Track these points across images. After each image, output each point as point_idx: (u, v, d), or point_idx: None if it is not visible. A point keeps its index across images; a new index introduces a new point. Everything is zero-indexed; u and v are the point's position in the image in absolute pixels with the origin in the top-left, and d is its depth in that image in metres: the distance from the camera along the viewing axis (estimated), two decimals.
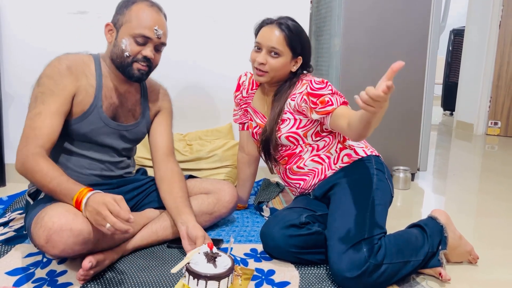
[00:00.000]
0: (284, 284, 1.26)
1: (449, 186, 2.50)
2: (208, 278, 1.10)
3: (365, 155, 1.50)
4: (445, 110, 5.61)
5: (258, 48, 1.49)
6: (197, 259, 1.15)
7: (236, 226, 1.70)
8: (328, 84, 1.40)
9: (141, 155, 2.13)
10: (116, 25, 1.38)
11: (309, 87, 1.40)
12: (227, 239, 1.55)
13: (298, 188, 1.59)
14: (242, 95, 1.71)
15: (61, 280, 1.24)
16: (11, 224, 1.63)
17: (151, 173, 1.71)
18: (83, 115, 1.37)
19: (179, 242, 1.38)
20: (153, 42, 1.37)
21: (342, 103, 1.37)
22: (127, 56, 1.36)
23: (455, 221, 1.45)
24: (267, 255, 1.42)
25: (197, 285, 1.10)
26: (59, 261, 1.34)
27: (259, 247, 1.48)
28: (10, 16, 2.12)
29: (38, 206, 1.28)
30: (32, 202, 1.38)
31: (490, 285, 1.31)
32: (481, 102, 4.24)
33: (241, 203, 1.88)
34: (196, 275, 1.10)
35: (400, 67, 0.96)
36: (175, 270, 1.12)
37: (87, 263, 1.17)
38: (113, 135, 1.45)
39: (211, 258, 1.15)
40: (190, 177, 1.68)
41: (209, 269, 1.11)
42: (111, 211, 1.11)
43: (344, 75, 2.29)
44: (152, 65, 1.41)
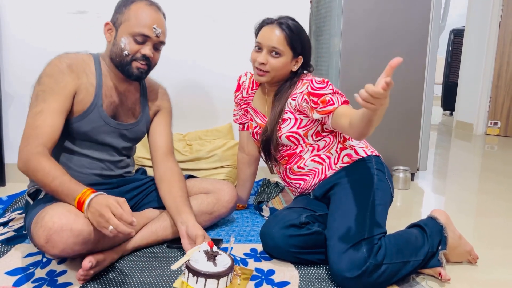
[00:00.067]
0: (283, 284, 1.26)
1: (449, 186, 2.50)
2: (207, 276, 1.10)
3: (365, 155, 1.50)
4: (445, 110, 5.61)
5: (258, 48, 1.49)
6: (197, 257, 1.15)
7: (235, 226, 1.70)
8: (329, 83, 1.40)
9: (140, 155, 2.13)
10: (115, 24, 1.39)
11: (309, 87, 1.40)
12: (227, 239, 1.55)
13: (298, 188, 1.59)
14: (242, 95, 1.70)
15: (61, 280, 1.24)
16: (10, 224, 1.63)
17: (150, 173, 1.71)
18: (84, 113, 1.37)
19: (178, 242, 1.38)
20: (152, 40, 1.37)
21: (343, 102, 1.37)
22: (126, 54, 1.36)
23: (455, 221, 1.46)
24: (267, 255, 1.42)
25: (196, 283, 1.10)
26: (59, 261, 1.34)
27: (259, 247, 1.48)
28: (9, 16, 2.12)
29: (38, 206, 1.28)
30: (31, 202, 1.37)
31: (489, 285, 1.31)
32: (480, 102, 4.24)
33: (241, 203, 1.88)
34: (195, 273, 1.10)
35: (398, 63, 0.96)
36: (175, 266, 1.12)
37: (87, 263, 1.17)
38: (113, 134, 1.45)
39: (211, 256, 1.15)
40: (189, 177, 1.68)
41: (208, 267, 1.11)
42: (114, 213, 1.11)
43: (343, 75, 2.29)
44: (151, 64, 1.41)
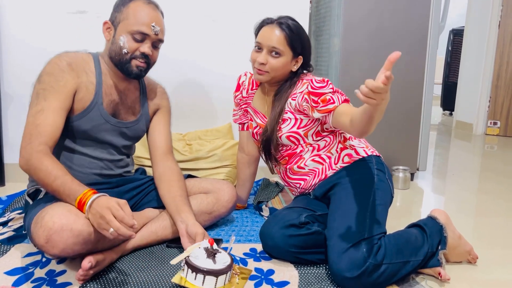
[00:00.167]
0: (283, 283, 1.26)
1: (449, 186, 2.50)
2: (206, 272, 1.10)
3: (365, 155, 1.50)
4: (444, 110, 5.61)
5: (258, 48, 1.49)
6: (197, 253, 1.15)
7: (235, 225, 1.70)
8: (329, 82, 1.39)
9: (140, 154, 2.12)
10: (113, 23, 1.39)
11: (310, 86, 1.40)
12: (226, 239, 1.55)
13: (298, 188, 1.59)
14: (242, 95, 1.70)
15: (60, 280, 1.24)
16: (10, 223, 1.63)
17: (150, 172, 1.71)
18: (84, 112, 1.37)
19: (178, 241, 1.38)
20: (150, 38, 1.38)
21: (343, 101, 1.36)
22: (126, 53, 1.36)
23: (455, 221, 1.45)
24: (267, 255, 1.42)
25: (195, 279, 1.10)
26: (58, 261, 1.34)
27: (259, 247, 1.48)
28: (9, 16, 2.12)
29: (37, 205, 1.28)
30: (31, 202, 1.37)
31: (489, 284, 1.31)
32: (480, 102, 4.24)
33: (241, 203, 1.88)
34: (195, 269, 1.10)
35: (397, 57, 0.95)
36: (174, 261, 1.12)
37: (86, 263, 1.17)
38: (113, 132, 1.45)
39: (211, 253, 1.15)
40: (189, 176, 1.68)
41: (208, 264, 1.11)
42: (115, 216, 1.11)
43: (343, 74, 2.29)
44: (150, 62, 1.42)
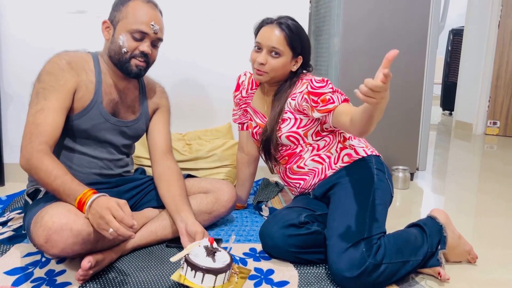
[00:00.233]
0: (283, 283, 1.26)
1: (448, 185, 2.50)
2: (205, 271, 1.10)
3: (365, 155, 1.50)
4: (444, 110, 5.61)
5: (258, 48, 1.49)
6: (197, 252, 1.15)
7: (235, 225, 1.70)
8: (328, 82, 1.39)
9: (139, 154, 2.12)
10: (113, 22, 1.39)
11: (309, 86, 1.40)
12: (226, 239, 1.55)
13: (298, 187, 1.59)
14: (241, 95, 1.70)
15: (60, 279, 1.24)
16: (9, 223, 1.63)
17: (149, 172, 1.71)
18: (84, 110, 1.37)
19: (178, 241, 1.38)
20: (150, 37, 1.38)
21: (343, 100, 1.36)
22: (125, 52, 1.36)
23: (454, 221, 1.45)
24: (266, 255, 1.42)
25: (194, 277, 1.10)
26: (58, 261, 1.34)
27: (258, 247, 1.48)
28: (9, 15, 2.12)
29: (37, 205, 1.28)
30: (30, 201, 1.37)
31: (489, 284, 1.31)
32: (480, 102, 4.24)
33: (240, 203, 1.88)
34: (194, 267, 1.10)
35: (394, 55, 0.95)
36: (174, 259, 1.12)
37: (86, 263, 1.17)
38: (113, 131, 1.45)
39: (211, 252, 1.15)
40: (188, 176, 1.68)
41: (207, 263, 1.12)
42: (115, 216, 1.11)
43: (343, 74, 2.29)
44: (149, 61, 1.42)
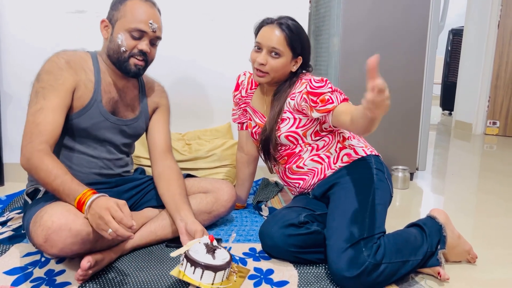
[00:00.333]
0: (282, 283, 1.26)
1: (448, 185, 2.50)
2: (205, 267, 1.10)
3: (365, 155, 1.50)
4: (444, 109, 5.62)
5: (258, 48, 1.48)
6: (197, 248, 1.15)
7: (234, 225, 1.70)
8: (327, 82, 1.39)
9: (138, 154, 2.12)
10: (111, 21, 1.39)
11: (308, 86, 1.40)
12: (226, 239, 1.55)
13: (297, 187, 1.58)
14: (241, 95, 1.70)
15: (60, 279, 1.23)
16: (9, 223, 1.63)
17: (149, 172, 1.71)
18: (83, 109, 1.37)
19: (177, 241, 1.38)
20: (148, 36, 1.38)
21: (342, 100, 1.36)
22: (124, 51, 1.36)
23: (454, 221, 1.45)
24: (266, 255, 1.42)
25: (193, 273, 1.10)
26: (57, 261, 1.34)
27: (258, 247, 1.48)
28: (9, 15, 2.12)
29: (37, 205, 1.28)
30: (30, 201, 1.37)
31: (488, 284, 1.31)
32: (479, 102, 4.24)
33: (240, 203, 1.88)
34: (194, 263, 1.10)
35: (376, 62, 0.92)
36: (174, 254, 1.12)
37: (85, 263, 1.17)
38: (113, 130, 1.45)
39: (211, 249, 1.15)
40: (188, 176, 1.68)
41: (207, 259, 1.12)
42: (114, 217, 1.11)
43: (343, 74, 2.29)
44: (148, 59, 1.42)
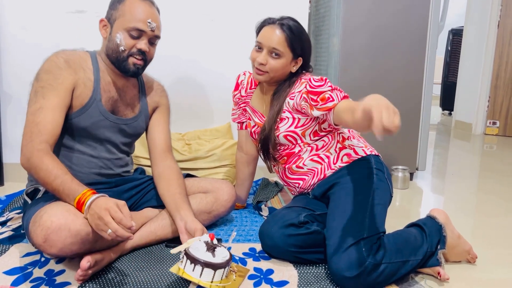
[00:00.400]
0: (282, 283, 1.26)
1: (448, 185, 2.50)
2: (205, 265, 1.10)
3: (365, 155, 1.50)
4: (443, 109, 5.62)
5: (259, 47, 1.48)
6: (197, 246, 1.15)
7: (234, 225, 1.70)
8: (327, 81, 1.39)
9: (138, 154, 2.12)
10: (110, 20, 1.39)
11: (308, 85, 1.40)
12: (225, 239, 1.55)
13: (297, 187, 1.58)
14: (240, 94, 1.70)
15: (59, 279, 1.23)
16: (9, 223, 1.63)
17: (148, 172, 1.71)
18: (82, 108, 1.37)
19: (177, 241, 1.37)
20: (147, 35, 1.38)
21: (343, 97, 1.35)
22: (123, 50, 1.36)
23: (454, 221, 1.45)
24: (266, 255, 1.42)
25: (193, 271, 1.10)
26: (57, 261, 1.34)
27: (258, 246, 1.48)
28: (9, 15, 2.12)
29: (36, 205, 1.28)
30: (30, 201, 1.37)
31: (488, 284, 1.31)
32: (479, 102, 4.24)
33: (240, 203, 1.88)
34: (194, 260, 1.10)
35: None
36: (174, 251, 1.13)
37: (85, 263, 1.17)
38: (112, 129, 1.45)
39: (211, 247, 1.15)
40: (188, 176, 1.67)
41: (207, 257, 1.12)
42: (114, 217, 1.11)
43: (343, 74, 2.29)
44: (147, 59, 1.42)
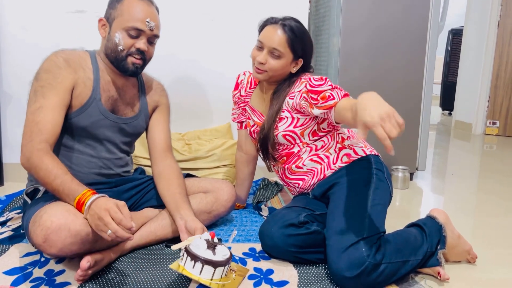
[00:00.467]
0: (282, 283, 1.26)
1: (448, 185, 2.50)
2: (205, 262, 1.10)
3: (364, 155, 1.50)
4: (443, 109, 5.62)
5: (260, 46, 1.48)
6: (198, 243, 1.15)
7: (234, 225, 1.70)
8: (327, 80, 1.39)
9: (138, 154, 2.12)
10: (108, 19, 1.39)
11: (308, 85, 1.40)
12: (225, 239, 1.55)
13: (297, 188, 1.58)
14: (240, 94, 1.70)
15: (59, 279, 1.23)
16: (9, 223, 1.63)
17: (148, 172, 1.71)
18: (82, 108, 1.37)
19: (177, 241, 1.37)
20: (146, 34, 1.38)
21: (343, 96, 1.35)
22: (121, 49, 1.36)
23: (454, 221, 1.45)
24: (266, 255, 1.42)
25: (193, 268, 1.10)
26: (57, 261, 1.34)
27: (258, 246, 1.48)
28: (9, 15, 2.12)
29: (36, 205, 1.27)
30: (29, 201, 1.37)
31: (488, 284, 1.31)
32: (479, 102, 4.24)
33: (240, 203, 1.88)
34: (194, 257, 1.10)
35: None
36: (175, 247, 1.13)
37: (85, 263, 1.17)
38: (112, 128, 1.45)
39: (211, 245, 1.16)
40: (188, 175, 1.67)
41: (207, 255, 1.12)
42: (114, 218, 1.11)
43: (343, 74, 2.29)
44: (146, 58, 1.42)
